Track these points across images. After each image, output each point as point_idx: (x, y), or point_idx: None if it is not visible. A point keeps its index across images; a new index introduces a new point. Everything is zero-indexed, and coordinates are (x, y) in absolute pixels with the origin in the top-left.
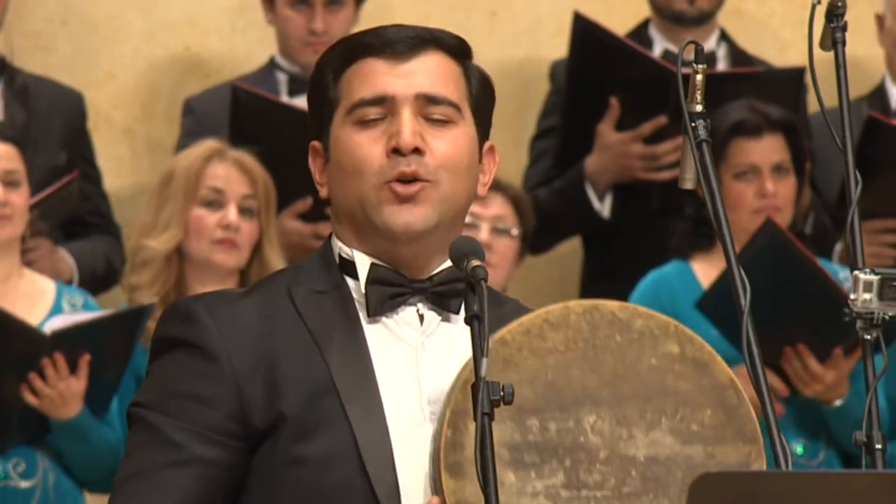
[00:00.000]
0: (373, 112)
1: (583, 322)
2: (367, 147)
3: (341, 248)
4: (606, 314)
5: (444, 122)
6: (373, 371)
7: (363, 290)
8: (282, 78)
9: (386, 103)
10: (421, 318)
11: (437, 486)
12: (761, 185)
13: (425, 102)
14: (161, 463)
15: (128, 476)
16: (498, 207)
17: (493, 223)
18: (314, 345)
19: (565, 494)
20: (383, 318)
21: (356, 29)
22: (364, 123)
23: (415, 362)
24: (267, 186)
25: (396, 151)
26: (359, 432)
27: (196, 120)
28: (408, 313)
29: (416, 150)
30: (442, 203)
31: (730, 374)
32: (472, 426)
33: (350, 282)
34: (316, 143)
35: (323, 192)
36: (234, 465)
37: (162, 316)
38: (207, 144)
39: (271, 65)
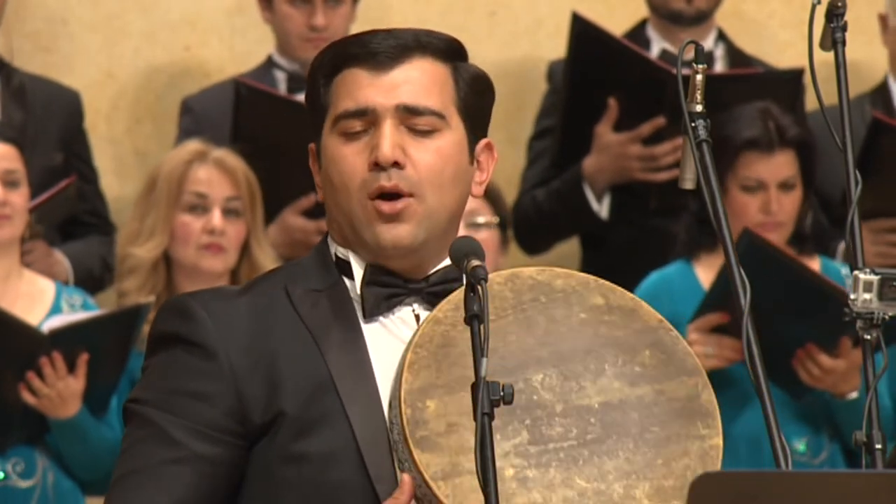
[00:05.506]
0: (356, 124)
1: (506, 290)
2: (351, 160)
3: (337, 248)
4: (526, 279)
5: (427, 133)
6: (371, 370)
7: (359, 291)
8: (280, 76)
9: (367, 115)
10: (417, 318)
11: (408, 464)
12: (767, 201)
13: (407, 114)
14: (161, 460)
15: (127, 472)
16: (469, 203)
17: (468, 220)
18: (313, 343)
19: (534, 450)
20: (380, 318)
21: (355, 26)
22: (348, 136)
23: None
24: (251, 185)
25: (377, 165)
26: (358, 431)
27: (194, 119)
28: (404, 313)
29: (396, 164)
30: (427, 218)
31: (657, 315)
32: (430, 403)
33: (347, 281)
34: (313, 146)
35: (320, 195)
36: (233, 462)
37: (158, 313)
38: (189, 147)
39: (269, 63)
